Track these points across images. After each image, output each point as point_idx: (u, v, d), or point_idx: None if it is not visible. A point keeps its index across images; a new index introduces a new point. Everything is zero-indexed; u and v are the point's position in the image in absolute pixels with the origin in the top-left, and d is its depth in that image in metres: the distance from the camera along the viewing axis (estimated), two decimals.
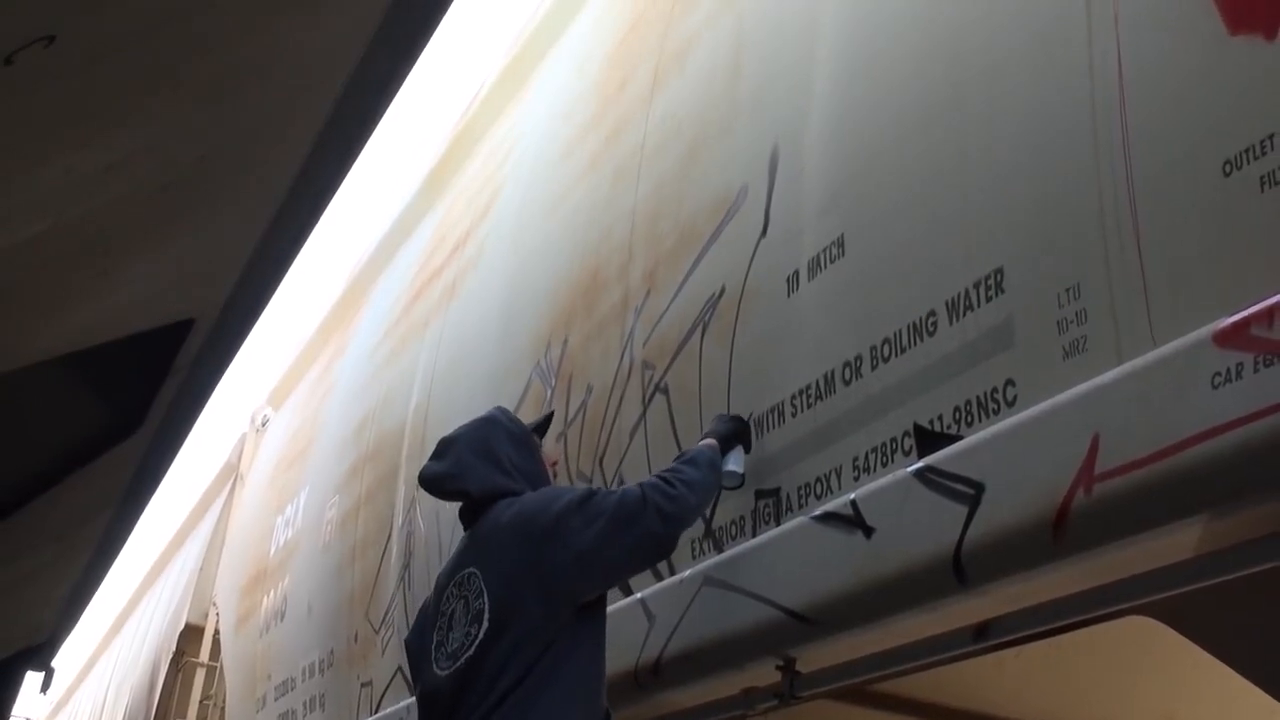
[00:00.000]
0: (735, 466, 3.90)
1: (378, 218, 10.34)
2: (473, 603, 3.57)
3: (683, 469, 3.70)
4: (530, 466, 3.87)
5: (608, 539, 3.53)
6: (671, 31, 5.26)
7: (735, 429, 3.93)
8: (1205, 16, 2.63)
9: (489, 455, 3.82)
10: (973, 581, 2.98)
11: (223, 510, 12.48)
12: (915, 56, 3.60)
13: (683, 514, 3.64)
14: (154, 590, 16.84)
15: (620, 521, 3.54)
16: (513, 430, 3.94)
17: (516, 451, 3.87)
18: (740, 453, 3.93)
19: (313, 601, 8.51)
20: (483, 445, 3.85)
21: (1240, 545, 2.58)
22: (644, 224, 4.95)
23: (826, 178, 3.85)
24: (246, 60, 3.58)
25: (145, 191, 4.01)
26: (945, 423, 3.20)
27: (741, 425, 3.96)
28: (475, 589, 3.59)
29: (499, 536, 3.63)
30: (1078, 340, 2.83)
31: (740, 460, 3.93)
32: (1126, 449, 2.58)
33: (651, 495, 3.58)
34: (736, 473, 3.91)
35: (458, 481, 3.82)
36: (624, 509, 3.56)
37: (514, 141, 7.12)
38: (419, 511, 6.71)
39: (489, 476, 3.78)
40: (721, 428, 3.93)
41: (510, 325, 6.10)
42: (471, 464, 3.80)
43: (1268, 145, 2.45)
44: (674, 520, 3.60)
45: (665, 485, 3.62)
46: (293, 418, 11.06)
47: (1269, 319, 2.33)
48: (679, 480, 3.64)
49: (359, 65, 3.73)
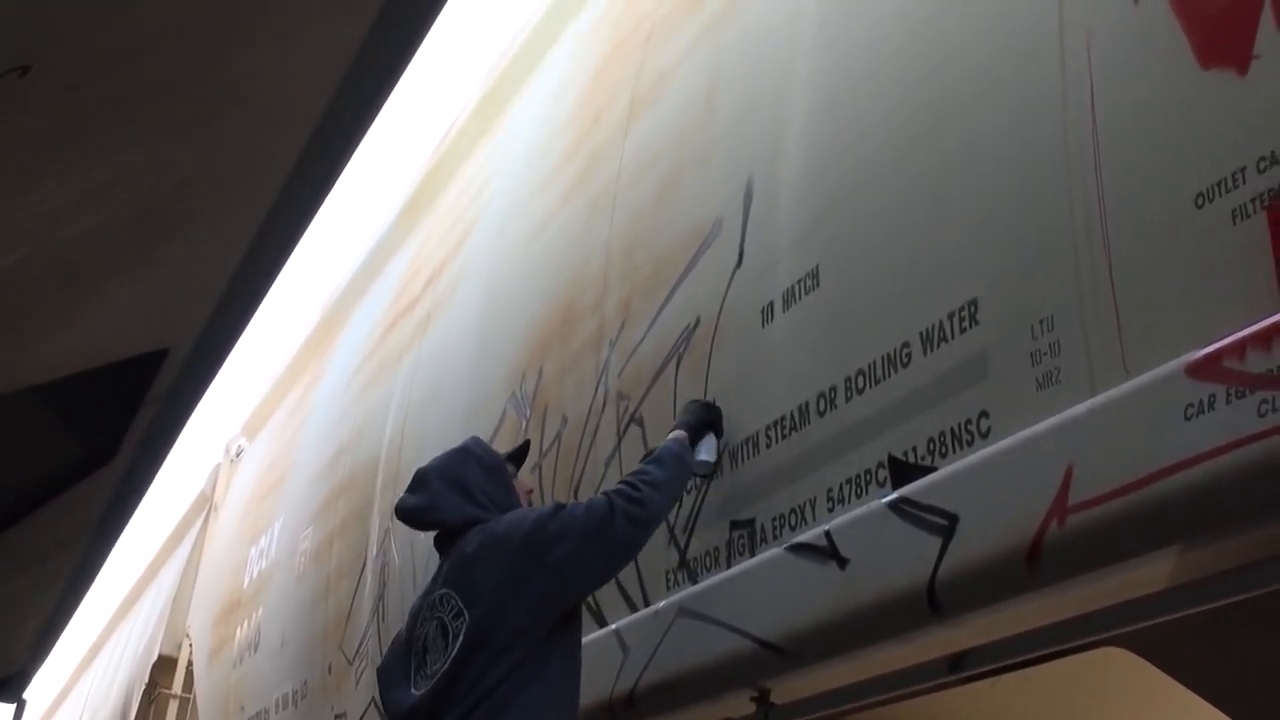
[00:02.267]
0: (707, 456, 3.96)
1: (353, 249, 10.32)
2: (450, 622, 3.62)
3: (649, 470, 3.79)
4: (502, 496, 3.91)
5: (579, 549, 3.61)
6: (647, 64, 5.27)
7: (706, 417, 3.99)
8: (1177, 51, 2.65)
9: (460, 486, 3.88)
10: (947, 613, 2.98)
11: (197, 540, 12.43)
12: (890, 90, 3.61)
13: (650, 516, 3.73)
14: (127, 621, 16.75)
15: (590, 533, 3.62)
16: (485, 460, 3.99)
17: (489, 481, 3.92)
18: (712, 440, 3.98)
19: (286, 633, 8.47)
20: (455, 476, 3.91)
21: (1214, 577, 2.58)
22: (619, 256, 4.96)
23: (801, 210, 3.85)
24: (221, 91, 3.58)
25: (119, 222, 4.01)
26: (919, 454, 3.21)
27: (712, 412, 4.01)
28: (451, 609, 3.64)
29: (472, 559, 3.68)
30: (1051, 372, 2.84)
31: (712, 448, 3.98)
32: (1099, 481, 2.58)
33: (618, 502, 3.66)
34: (708, 461, 3.96)
35: (431, 513, 3.90)
36: (592, 519, 3.64)
37: (490, 173, 7.12)
38: (393, 543, 6.69)
39: (460, 506, 3.84)
40: (691, 417, 3.98)
41: (485, 356, 6.09)
42: (444, 495, 3.87)
43: (1239, 178, 2.46)
44: (643, 523, 3.70)
45: (631, 490, 3.70)
46: (267, 448, 11.02)
47: (1241, 351, 2.34)
48: (644, 483, 3.73)
49: (334, 97, 3.74)
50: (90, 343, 4.87)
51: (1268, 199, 2.39)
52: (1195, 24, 2.63)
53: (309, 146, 3.96)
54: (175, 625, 12.29)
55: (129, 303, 4.69)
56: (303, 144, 3.96)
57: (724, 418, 4.00)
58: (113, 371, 5.13)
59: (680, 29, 5.07)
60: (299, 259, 5.26)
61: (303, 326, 11.27)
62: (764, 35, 4.40)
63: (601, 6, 6.21)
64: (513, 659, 3.49)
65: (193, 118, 3.64)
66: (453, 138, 8.27)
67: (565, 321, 5.27)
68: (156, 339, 5.15)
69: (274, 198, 4.21)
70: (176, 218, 4.20)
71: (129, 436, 6.05)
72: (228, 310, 5.03)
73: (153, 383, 5.47)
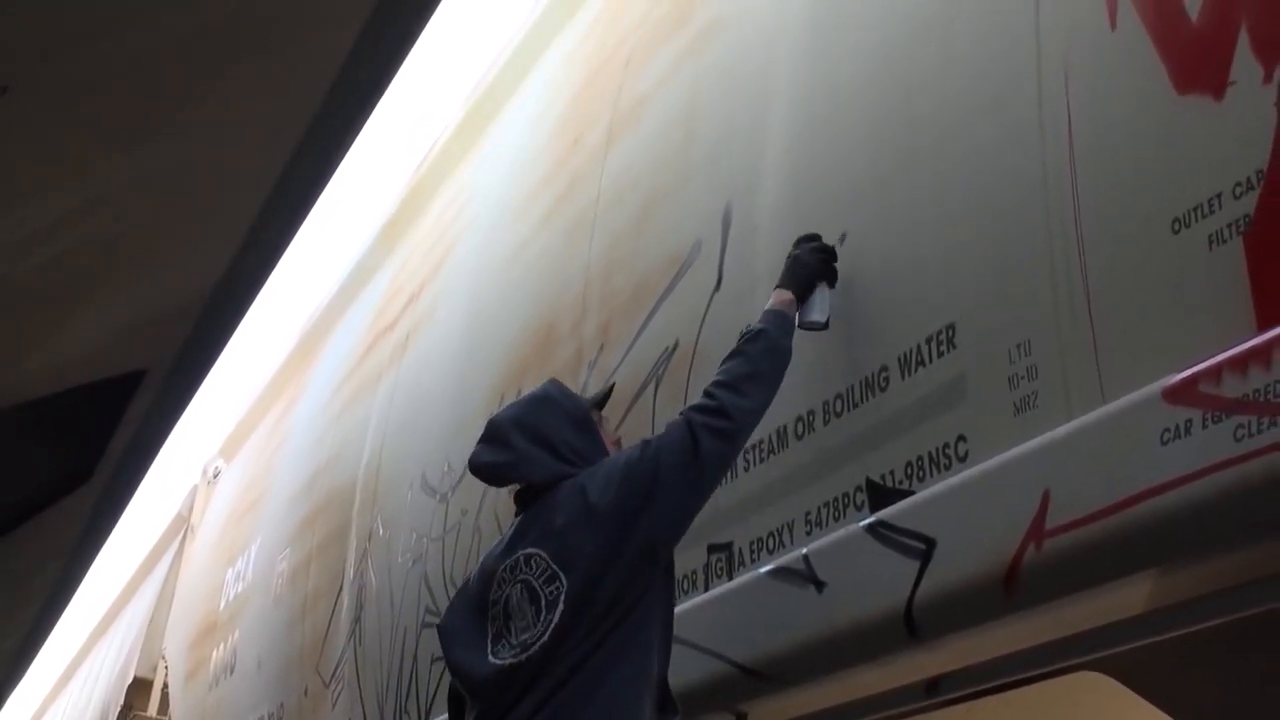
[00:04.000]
0: (819, 314, 3.55)
1: (333, 269, 10.32)
2: (541, 587, 3.27)
3: (732, 366, 3.43)
4: (591, 450, 3.51)
5: (672, 492, 3.26)
6: (627, 87, 5.28)
7: (815, 269, 3.58)
8: (1154, 76, 2.66)
9: (545, 441, 3.48)
10: (925, 636, 2.99)
11: (173, 562, 12.38)
12: (869, 116, 3.62)
13: (737, 425, 3.36)
14: (103, 642, 16.68)
15: (680, 469, 3.27)
16: (570, 411, 3.58)
17: (576, 434, 3.52)
18: (824, 293, 3.55)
19: (263, 655, 8.44)
20: (538, 429, 3.50)
21: (1191, 601, 2.59)
22: (598, 279, 4.96)
23: (780, 233, 3.86)
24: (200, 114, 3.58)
25: (98, 242, 4.00)
26: (897, 478, 3.21)
27: (823, 262, 3.60)
28: (542, 571, 3.29)
29: (565, 519, 3.31)
30: (1029, 396, 2.85)
31: (825, 303, 3.54)
32: (1077, 505, 2.59)
33: (696, 420, 3.32)
34: (820, 321, 3.55)
35: (513, 471, 3.51)
36: (679, 454, 3.29)
37: (469, 196, 7.12)
38: (370, 565, 6.68)
39: (546, 464, 3.45)
40: (801, 271, 3.58)
41: (464, 378, 6.09)
42: (527, 451, 3.46)
43: (1215, 204, 2.47)
44: (729, 434, 3.33)
45: (708, 400, 3.36)
46: (245, 470, 11.00)
47: (1217, 376, 2.35)
48: (724, 385, 3.38)
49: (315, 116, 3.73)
50: (67, 363, 4.86)
51: (1244, 224, 2.41)
52: (1172, 50, 2.65)
53: (289, 166, 3.96)
54: (151, 647, 12.24)
55: (106, 323, 4.68)
56: (282, 164, 3.95)
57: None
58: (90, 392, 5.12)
59: (660, 53, 5.08)
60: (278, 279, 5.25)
61: (282, 347, 11.25)
62: (743, 60, 4.41)
63: (582, 30, 6.22)
64: (608, 625, 3.16)
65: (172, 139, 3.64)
66: (433, 159, 8.27)
67: (544, 344, 5.27)
68: (134, 360, 5.14)
69: (254, 217, 4.21)
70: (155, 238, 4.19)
71: (106, 458, 6.03)
72: (206, 331, 5.02)
73: (130, 404, 5.46)
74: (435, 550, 5.88)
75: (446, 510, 5.86)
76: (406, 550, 6.23)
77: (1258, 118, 2.43)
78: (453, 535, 5.73)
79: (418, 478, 6.31)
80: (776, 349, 3.44)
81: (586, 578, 3.21)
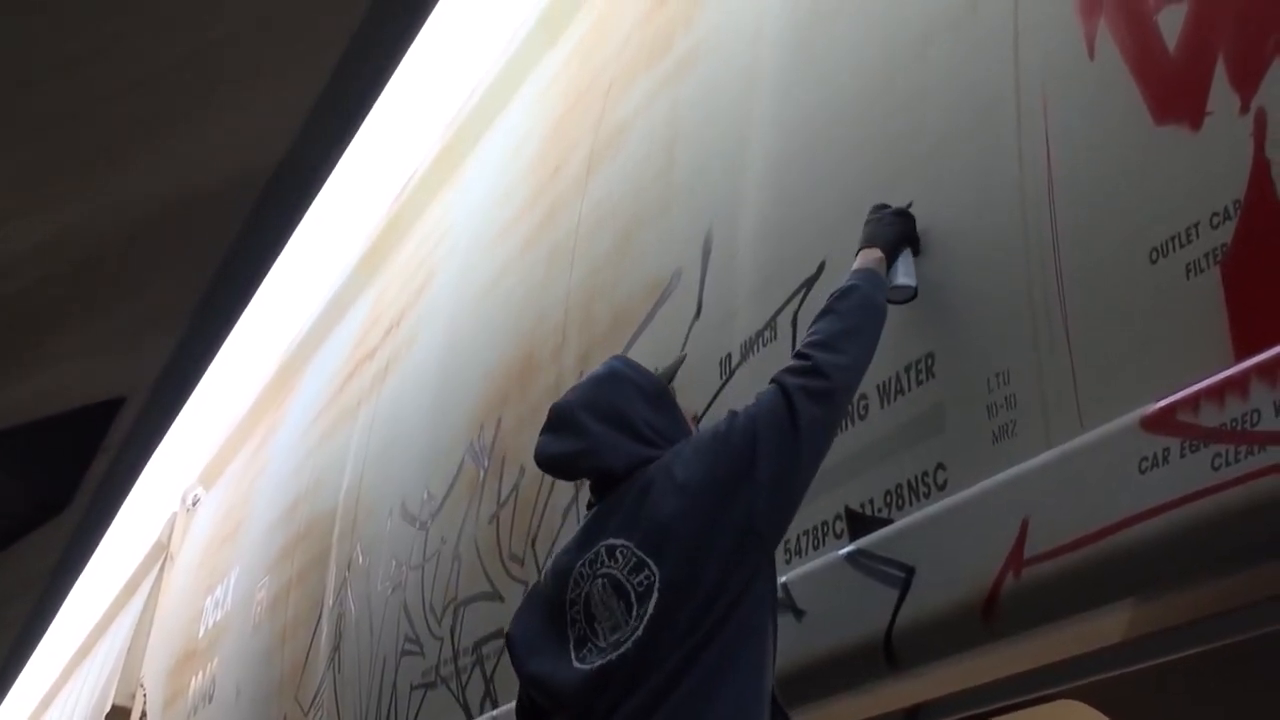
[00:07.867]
0: (906, 279, 3.23)
1: (312, 298, 10.31)
2: (628, 579, 2.88)
3: (822, 327, 3.08)
4: (672, 428, 3.14)
5: (774, 466, 2.89)
6: (606, 116, 5.29)
7: (902, 229, 3.28)
8: (1132, 106, 2.67)
9: (623, 423, 3.08)
10: (904, 665, 2.98)
11: (152, 590, 12.35)
12: (847, 144, 3.63)
13: (835, 385, 2.99)
14: (81, 670, 16.63)
15: (777, 437, 2.91)
16: (645, 387, 3.18)
17: (654, 411, 3.14)
18: (909, 258, 3.26)
19: (241, 683, 8.42)
20: (613, 410, 3.10)
21: (1169, 629, 2.59)
22: (578, 307, 4.96)
23: (760, 261, 3.86)
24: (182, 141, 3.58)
25: (77, 268, 4.00)
26: (876, 506, 3.21)
27: (908, 223, 3.30)
28: (629, 562, 2.90)
29: (653, 505, 2.92)
30: (1007, 425, 2.85)
31: (910, 269, 3.24)
32: (1055, 533, 2.59)
33: (791, 383, 2.96)
34: (908, 285, 3.23)
35: (589, 459, 3.08)
36: (775, 422, 2.92)
37: (449, 224, 7.13)
38: (350, 593, 6.66)
39: (628, 448, 3.05)
40: (888, 230, 3.27)
41: (444, 406, 6.08)
42: (603, 435, 3.06)
43: (1193, 233, 2.48)
44: (827, 395, 2.97)
45: (802, 361, 3.00)
46: (224, 497, 10.97)
47: (1195, 405, 2.35)
48: (817, 345, 3.03)
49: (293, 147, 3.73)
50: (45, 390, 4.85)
51: (1221, 254, 2.41)
52: (1150, 80, 2.66)
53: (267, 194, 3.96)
54: (129, 675, 12.20)
55: (86, 351, 4.67)
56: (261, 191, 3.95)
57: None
58: (67, 420, 5.10)
59: (640, 81, 5.09)
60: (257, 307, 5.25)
61: (261, 375, 11.24)
62: (723, 88, 4.42)
63: (562, 59, 6.23)
64: (715, 616, 2.77)
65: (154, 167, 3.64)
66: (413, 188, 8.28)
67: (524, 372, 5.27)
68: (113, 387, 5.13)
69: (231, 245, 4.21)
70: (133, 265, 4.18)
71: (84, 485, 6.01)
72: (185, 359, 5.01)
73: (108, 431, 5.44)
74: (415, 578, 5.87)
75: (426, 538, 5.85)
76: (386, 578, 6.22)
77: (1235, 148, 2.43)
78: (432, 563, 5.72)
79: (397, 505, 6.30)
80: (871, 304, 3.11)
81: (682, 562, 2.84)
